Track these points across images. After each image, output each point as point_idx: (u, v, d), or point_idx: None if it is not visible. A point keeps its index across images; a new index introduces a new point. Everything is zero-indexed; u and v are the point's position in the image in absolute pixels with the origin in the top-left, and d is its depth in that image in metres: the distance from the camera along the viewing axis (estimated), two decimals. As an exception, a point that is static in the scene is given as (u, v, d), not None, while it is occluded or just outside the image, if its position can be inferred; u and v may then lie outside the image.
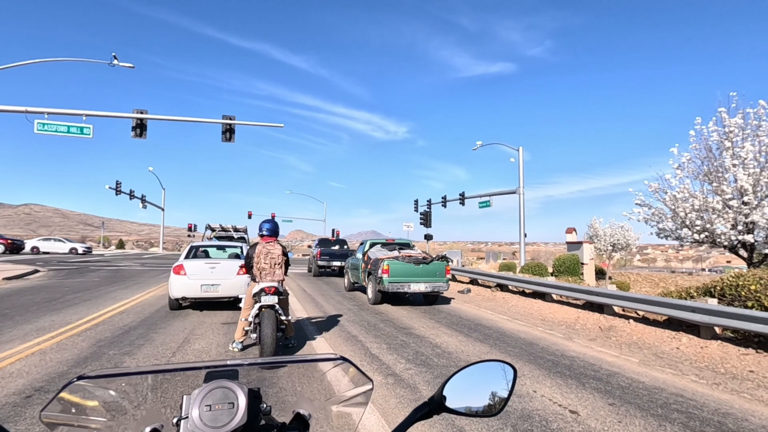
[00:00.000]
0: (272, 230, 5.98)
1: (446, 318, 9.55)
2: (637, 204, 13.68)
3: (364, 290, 12.83)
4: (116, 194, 37.71)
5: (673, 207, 12.53)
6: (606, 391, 4.76)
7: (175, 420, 0.78)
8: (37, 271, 17.60)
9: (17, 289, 12.29)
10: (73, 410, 0.79)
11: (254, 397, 0.80)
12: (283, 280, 5.94)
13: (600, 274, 24.10)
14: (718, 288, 8.43)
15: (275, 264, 5.82)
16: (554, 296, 11.97)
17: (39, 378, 4.59)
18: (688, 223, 12.13)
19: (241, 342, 5.89)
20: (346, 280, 14.22)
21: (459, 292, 14.87)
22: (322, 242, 21.21)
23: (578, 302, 11.19)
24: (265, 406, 0.82)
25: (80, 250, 34.01)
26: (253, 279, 5.87)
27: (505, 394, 0.93)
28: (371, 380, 0.92)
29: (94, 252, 38.69)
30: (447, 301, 12.42)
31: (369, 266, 11.42)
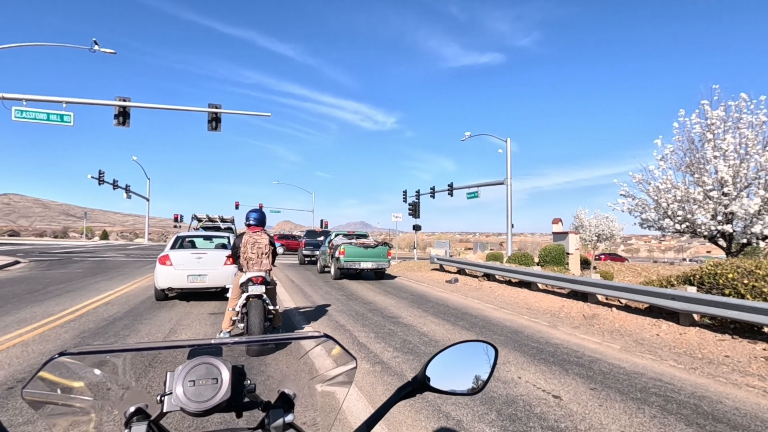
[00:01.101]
0: (259, 220, 5.94)
1: (434, 308, 9.64)
2: (621, 195, 13.90)
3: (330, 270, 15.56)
4: (99, 184, 36.89)
5: (656, 198, 12.77)
6: (588, 377, 4.88)
7: (158, 397, 0.78)
8: (18, 262, 17.22)
9: (-3, 280, 12.01)
10: (57, 389, 0.79)
11: (238, 374, 0.80)
12: (271, 269, 5.92)
13: (585, 263, 24.52)
14: (698, 276, 8.66)
15: (262, 254, 5.79)
16: (540, 285, 12.16)
17: (21, 369, 4.52)
18: (670, 213, 12.39)
19: (229, 332, 5.88)
20: (319, 264, 17.45)
21: (447, 281, 15.01)
22: (309, 234, 23.53)
23: (563, 291, 11.40)
24: (249, 383, 0.82)
25: None
26: (240, 269, 5.84)
27: (486, 374, 0.95)
28: (355, 358, 0.93)
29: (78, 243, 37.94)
30: (392, 277, 16.61)
31: (332, 251, 14.98)
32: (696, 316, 7.56)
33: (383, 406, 0.90)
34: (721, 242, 12.21)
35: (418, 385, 0.92)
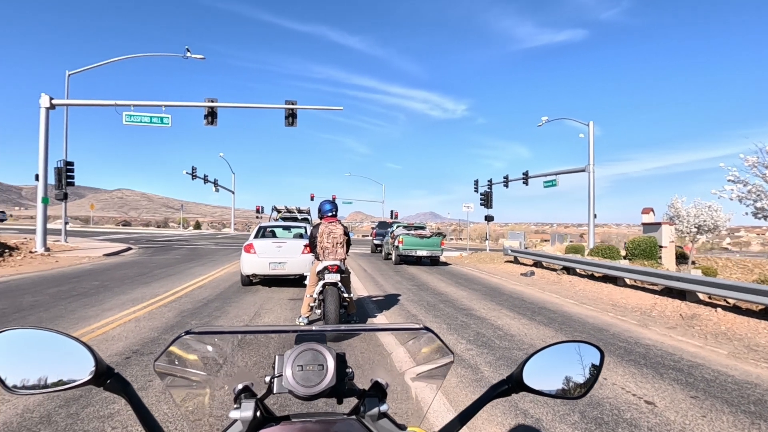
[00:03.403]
0: (333, 210, 6.15)
1: (508, 301, 9.32)
2: (729, 181, 12.22)
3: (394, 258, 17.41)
4: (192, 179, 40.70)
5: (774, 183, 11.03)
6: (687, 383, 4.39)
7: (267, 378, 0.83)
8: (130, 249, 19.71)
9: (114, 264, 13.87)
10: (177, 362, 0.87)
11: (341, 361, 0.82)
12: (345, 258, 6.10)
13: (681, 258, 22.06)
14: (831, 275, 7.36)
15: (337, 243, 5.99)
16: (627, 281, 11.19)
17: (135, 342, 5.17)
18: (793, 201, 10.65)
19: (307, 317, 6.18)
20: (383, 252, 19.75)
21: (522, 274, 14.42)
22: (380, 225, 25.52)
23: (655, 288, 10.37)
24: (350, 370, 0.84)
25: None
26: (317, 257, 6.09)
27: (589, 378, 0.88)
28: (452, 353, 0.91)
29: (173, 232, 42.29)
30: (445, 264, 18.11)
31: (393, 240, 17.21)
32: (828, 322, 6.44)
33: (476, 403, 0.87)
34: None
35: (515, 384, 0.88)
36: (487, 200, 28.75)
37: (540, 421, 3.37)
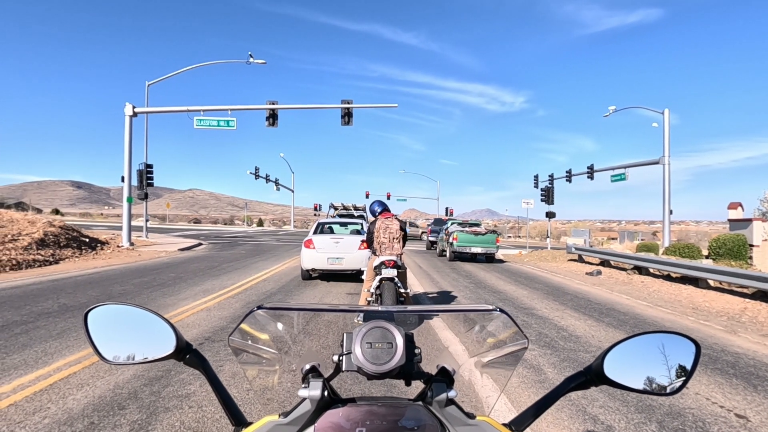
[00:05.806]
0: (384, 207, 6.22)
1: (572, 301, 8.84)
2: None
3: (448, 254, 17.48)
4: (255, 178, 42.83)
5: None
6: (788, 398, 3.89)
7: (335, 357, 0.83)
8: (200, 244, 21.20)
9: (188, 258, 14.99)
10: (250, 339, 0.91)
11: (409, 341, 0.80)
12: (401, 254, 6.11)
13: (776, 258, 19.61)
14: None
15: (393, 238, 6.02)
16: (711, 282, 10.16)
17: (207, 329, 5.54)
18: None
19: (364, 311, 6.28)
20: (438, 248, 19.83)
21: (587, 273, 13.62)
22: (435, 222, 26.17)
23: (745, 291, 9.33)
24: (418, 351, 0.82)
25: None
26: (374, 253, 6.16)
27: (681, 374, 0.79)
28: (527, 338, 0.85)
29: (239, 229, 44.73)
30: (502, 261, 18.01)
31: (447, 237, 17.39)
32: None
33: (550, 395, 0.82)
34: None
35: (593, 376, 0.81)
36: (548, 196, 27.44)
37: (611, 429, 3.16)
